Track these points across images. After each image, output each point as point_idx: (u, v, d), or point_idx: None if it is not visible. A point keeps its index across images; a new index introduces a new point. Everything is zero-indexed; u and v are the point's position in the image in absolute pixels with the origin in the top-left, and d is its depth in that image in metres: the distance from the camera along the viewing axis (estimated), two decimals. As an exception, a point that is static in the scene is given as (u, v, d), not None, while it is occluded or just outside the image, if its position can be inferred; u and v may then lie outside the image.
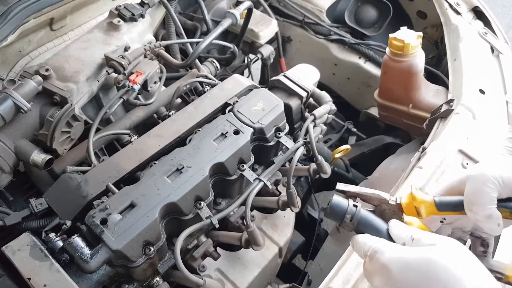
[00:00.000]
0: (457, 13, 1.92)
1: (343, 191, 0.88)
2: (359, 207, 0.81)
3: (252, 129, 1.26)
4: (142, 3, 1.60)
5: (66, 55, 1.36)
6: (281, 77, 1.50)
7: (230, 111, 1.32)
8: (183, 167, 1.13)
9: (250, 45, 2.21)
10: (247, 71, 2.33)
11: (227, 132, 1.24)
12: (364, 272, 0.75)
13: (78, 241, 0.99)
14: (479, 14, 1.98)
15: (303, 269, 1.74)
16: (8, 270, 1.02)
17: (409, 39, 1.67)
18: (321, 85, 2.15)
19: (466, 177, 0.81)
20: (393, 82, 1.85)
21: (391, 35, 1.71)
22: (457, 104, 1.54)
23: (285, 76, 1.51)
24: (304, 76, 1.55)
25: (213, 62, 1.74)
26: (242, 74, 2.35)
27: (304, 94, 1.47)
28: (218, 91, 1.42)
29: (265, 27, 2.13)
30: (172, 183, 1.10)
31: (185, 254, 1.22)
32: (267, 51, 2.17)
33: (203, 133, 1.24)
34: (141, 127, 1.48)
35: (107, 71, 1.34)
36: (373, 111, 2.19)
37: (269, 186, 1.26)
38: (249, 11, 1.80)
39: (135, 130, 1.46)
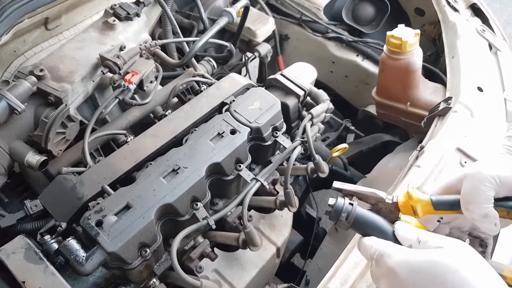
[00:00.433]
0: (455, 10, 1.92)
1: (339, 189, 0.87)
2: (355, 205, 0.80)
3: (249, 129, 1.25)
4: (137, 2, 1.58)
5: (60, 55, 1.35)
6: (278, 76, 1.49)
7: (226, 110, 1.31)
8: (179, 168, 1.13)
9: (247, 43, 2.19)
10: (245, 70, 2.32)
11: (223, 131, 1.23)
12: (371, 275, 0.74)
13: (73, 243, 0.98)
14: (477, 11, 1.97)
15: (301, 268, 1.74)
16: (2, 273, 1.01)
17: (407, 36, 1.66)
18: (318, 83, 2.13)
19: (463, 176, 0.80)
20: (391, 80, 1.84)
21: (388, 33, 1.70)
22: (455, 102, 1.53)
23: (282, 75, 1.50)
24: (301, 74, 1.54)
25: (210, 61, 1.73)
26: (239, 72, 2.35)
27: (301, 92, 1.46)
28: (214, 90, 1.41)
29: (262, 25, 2.12)
30: (168, 184, 1.09)
31: (182, 255, 1.21)
32: (265, 49, 2.16)
33: (199, 133, 1.23)
34: (137, 127, 1.47)
35: (102, 71, 1.33)
36: (371, 109, 2.18)
37: (266, 186, 1.25)
38: (246, 9, 1.79)
39: (131, 130, 1.45)
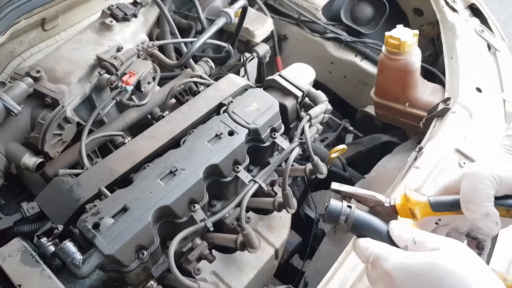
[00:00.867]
0: (454, 10, 1.91)
1: (337, 191, 0.86)
2: (353, 208, 0.79)
3: (247, 130, 1.25)
4: (135, 3, 1.57)
5: (57, 56, 1.35)
6: (276, 77, 1.49)
7: (224, 111, 1.31)
8: (177, 170, 1.12)
9: (245, 43, 2.19)
10: (243, 70, 2.31)
11: (221, 133, 1.22)
12: (367, 278, 0.73)
13: (69, 246, 0.97)
14: (475, 11, 1.97)
15: (300, 269, 1.73)
16: (-1, 276, 1.00)
17: (405, 37, 1.65)
18: (317, 84, 2.14)
19: (462, 175, 0.79)
20: (390, 80, 1.83)
21: (387, 33, 1.70)
22: (454, 102, 1.53)
23: (280, 75, 1.49)
24: (299, 75, 1.54)
25: (208, 61, 1.72)
26: (238, 73, 2.34)
27: (299, 93, 1.45)
28: (212, 91, 1.40)
29: (261, 26, 2.11)
30: (165, 186, 1.09)
31: (179, 257, 1.21)
32: (263, 49, 2.16)
33: (197, 135, 1.22)
34: (135, 128, 1.46)
35: (99, 72, 1.33)
36: (370, 110, 2.18)
37: (264, 187, 1.25)
38: (244, 10, 1.78)
39: (128, 131, 1.44)
